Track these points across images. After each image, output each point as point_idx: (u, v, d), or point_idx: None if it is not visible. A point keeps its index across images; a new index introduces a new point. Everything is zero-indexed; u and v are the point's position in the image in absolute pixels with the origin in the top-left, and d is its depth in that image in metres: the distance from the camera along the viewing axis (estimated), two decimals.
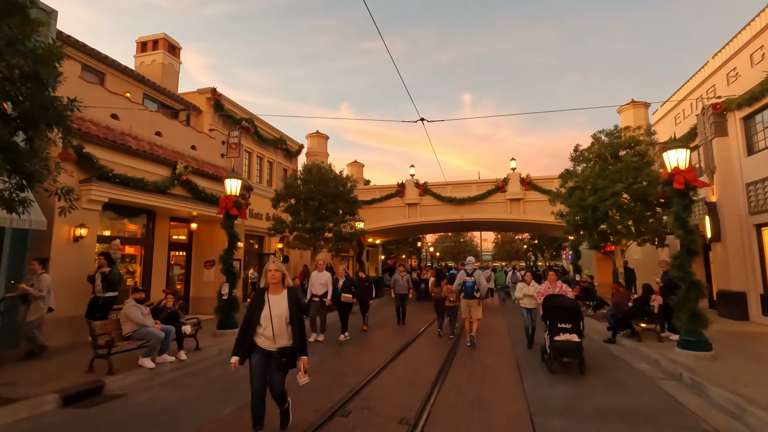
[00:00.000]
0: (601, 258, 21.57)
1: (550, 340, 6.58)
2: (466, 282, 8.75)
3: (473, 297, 8.67)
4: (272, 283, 3.85)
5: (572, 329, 6.50)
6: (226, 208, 9.57)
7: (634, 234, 11.26)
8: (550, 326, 6.64)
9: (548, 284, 7.51)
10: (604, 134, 12.02)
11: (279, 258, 6.59)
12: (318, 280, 9.26)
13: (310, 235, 14.06)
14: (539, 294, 7.48)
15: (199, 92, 15.27)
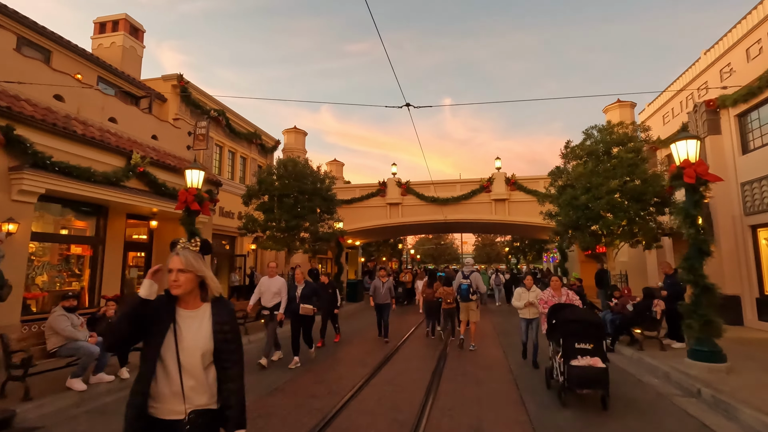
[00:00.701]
0: (584, 260, 21.21)
1: (565, 365, 5.04)
2: (461, 284, 8.60)
3: (469, 300, 8.63)
4: (176, 293, 1.93)
5: (594, 350, 5.04)
6: (186, 203, 8.46)
7: (628, 235, 10.68)
8: (564, 347, 5.13)
9: (551, 291, 6.47)
10: (596, 130, 11.45)
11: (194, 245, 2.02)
12: (269, 288, 7.30)
13: (285, 235, 13.00)
14: (541, 302, 6.39)
15: (163, 79, 14.03)
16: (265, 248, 13.36)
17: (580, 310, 5.72)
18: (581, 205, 10.73)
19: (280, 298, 7.25)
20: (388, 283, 9.89)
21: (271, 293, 7.29)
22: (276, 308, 7.23)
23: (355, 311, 16.42)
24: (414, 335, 10.66)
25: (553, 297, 6.36)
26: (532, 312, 7.13)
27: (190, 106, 14.64)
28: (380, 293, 9.81)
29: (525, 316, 7.25)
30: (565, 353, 5.12)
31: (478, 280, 8.70)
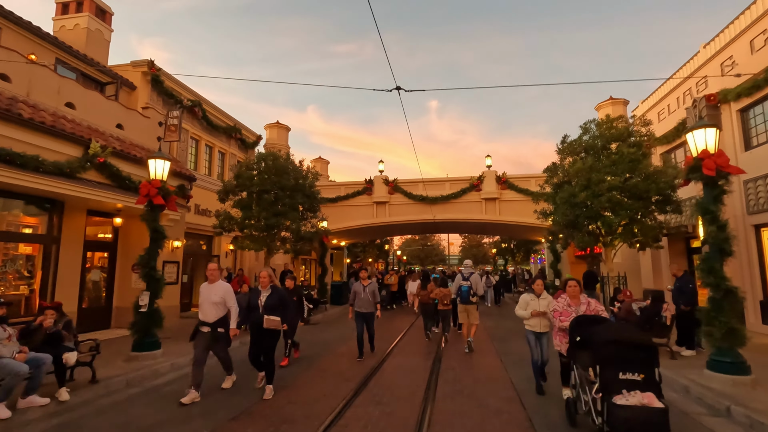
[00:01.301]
0: (574, 261, 20.79)
1: (605, 402, 3.70)
2: (462, 286, 8.45)
3: (470, 302, 8.47)
4: None
5: (646, 383, 3.66)
6: (148, 197, 7.53)
7: (629, 234, 10.11)
8: (604, 378, 3.74)
9: (566, 300, 5.17)
10: (595, 124, 10.86)
11: None
12: (208, 297, 5.58)
13: (264, 234, 12.08)
14: (555, 314, 5.14)
15: (133, 65, 12.98)
16: (243, 248, 12.42)
17: (621, 328, 4.46)
18: (579, 203, 10.12)
19: (223, 310, 5.62)
20: (371, 286, 8.03)
21: (210, 304, 5.56)
22: (221, 324, 5.57)
23: (340, 315, 15.57)
24: (402, 344, 9.88)
25: (570, 307, 5.09)
26: (544, 324, 5.81)
27: (163, 96, 13.61)
28: (362, 298, 7.96)
29: (534, 329, 5.84)
30: (605, 386, 3.71)
31: (477, 282, 8.60)
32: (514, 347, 9.01)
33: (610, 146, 10.66)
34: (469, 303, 8.48)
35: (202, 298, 5.65)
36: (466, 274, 8.65)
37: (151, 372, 6.70)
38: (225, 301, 5.63)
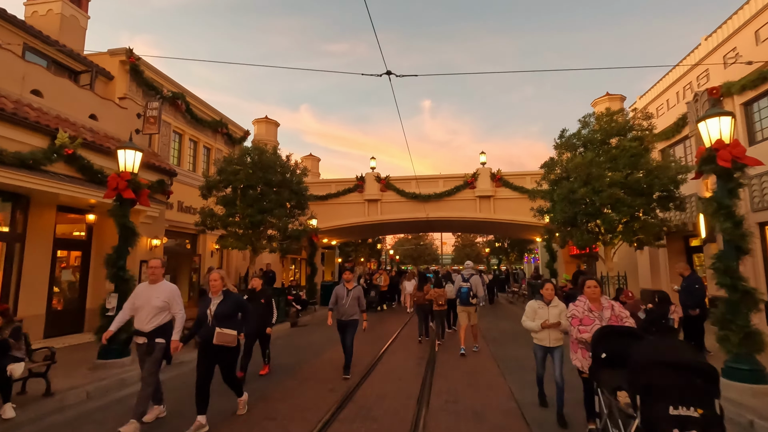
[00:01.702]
0: (569, 261, 20.46)
1: None
2: (462, 288, 8.28)
3: (470, 304, 8.29)
4: None
5: (706, 421, 2.71)
6: (117, 190, 6.92)
7: (630, 232, 9.69)
8: (648, 412, 2.80)
9: (587, 303, 4.19)
10: (594, 117, 10.44)
11: None
12: (149, 301, 4.58)
13: (248, 232, 11.49)
14: (574, 322, 4.11)
15: (110, 53, 12.29)
16: (226, 247, 11.80)
17: (670, 346, 3.25)
18: (579, 200, 9.69)
19: (165, 316, 4.59)
20: (356, 290, 6.82)
21: (151, 309, 4.52)
22: (159, 333, 4.49)
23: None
24: (393, 348, 9.36)
25: (591, 313, 4.10)
26: (555, 337, 4.87)
27: (143, 87, 12.93)
28: (344, 304, 6.71)
29: (542, 343, 4.95)
30: (651, 425, 2.78)
31: (478, 283, 8.45)
32: (511, 351, 8.54)
33: (610, 141, 10.26)
34: (469, 305, 8.32)
35: (141, 301, 4.60)
36: (467, 276, 8.46)
37: (117, 382, 6.11)
38: (170, 305, 4.60)
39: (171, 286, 4.77)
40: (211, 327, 4.41)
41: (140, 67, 12.60)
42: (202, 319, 4.55)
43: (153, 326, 4.51)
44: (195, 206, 14.48)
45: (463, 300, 8.29)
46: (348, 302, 6.73)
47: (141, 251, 10.87)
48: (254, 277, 7.02)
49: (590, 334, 3.89)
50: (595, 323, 4.02)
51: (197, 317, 4.65)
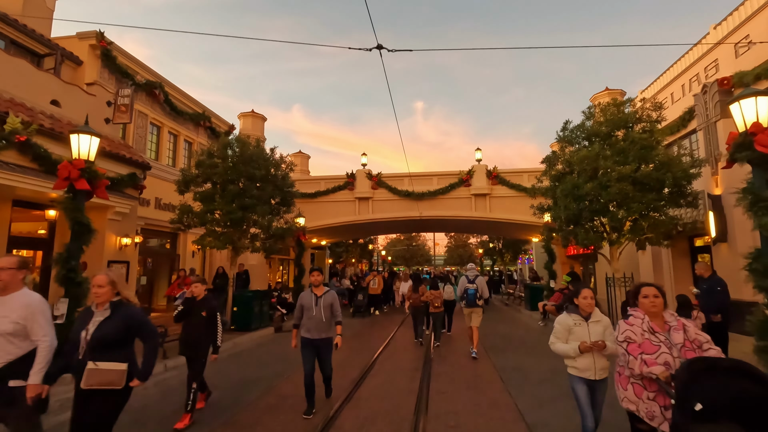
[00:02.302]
0: (566, 261, 19.84)
1: None
2: (468, 289, 8.09)
3: (476, 305, 8.12)
4: None
5: None
6: (69, 180, 6.06)
7: (639, 230, 9.03)
8: None
9: (645, 320, 2.91)
10: (600, 109, 9.77)
11: None
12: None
13: (228, 230, 10.64)
14: (633, 349, 2.82)
15: (79, 37, 11.36)
16: (204, 246, 10.92)
17: None
18: (584, 196, 9.01)
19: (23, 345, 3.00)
20: (327, 296, 5.14)
21: None
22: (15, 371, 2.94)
23: None
24: (383, 357, 8.57)
25: (655, 335, 2.85)
26: (601, 366, 3.48)
27: (116, 74, 12.01)
28: (313, 315, 5.03)
29: (585, 375, 3.48)
30: None
31: (483, 285, 8.28)
32: (512, 359, 7.81)
33: (616, 133, 9.61)
34: (476, 306, 8.17)
35: None
36: (472, 277, 8.34)
37: (64, 402, 5.23)
38: (27, 329, 2.99)
39: (31, 299, 3.08)
40: (82, 360, 2.91)
41: (112, 52, 11.68)
42: (72, 347, 3.01)
43: (4, 362, 2.92)
44: (174, 203, 13.57)
45: (470, 302, 8.12)
46: (317, 314, 4.98)
47: (110, 251, 9.97)
48: (194, 282, 5.02)
49: (661, 367, 2.66)
50: (660, 350, 2.77)
51: (67, 342, 3.09)
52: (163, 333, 7.52)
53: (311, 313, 5.02)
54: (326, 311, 5.08)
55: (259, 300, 11.08)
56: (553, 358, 8.28)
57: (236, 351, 8.92)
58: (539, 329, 12.04)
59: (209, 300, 5.03)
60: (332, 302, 5.15)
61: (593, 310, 3.59)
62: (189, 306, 4.90)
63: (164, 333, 7.55)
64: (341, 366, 7.37)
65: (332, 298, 5.17)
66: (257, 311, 11.09)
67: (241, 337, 9.84)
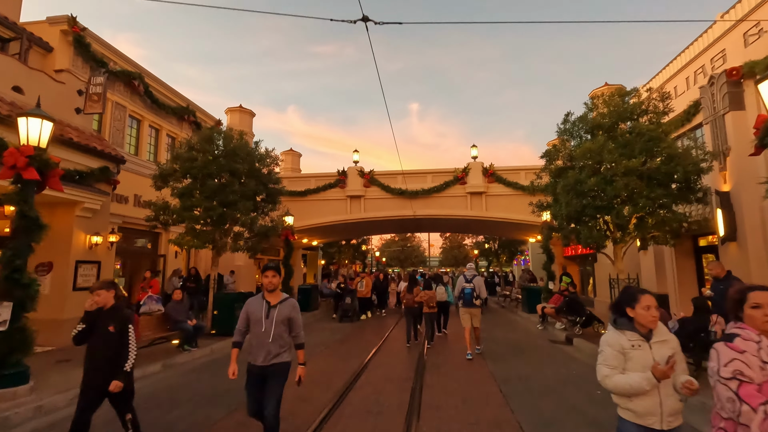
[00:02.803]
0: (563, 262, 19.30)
1: None
2: (465, 289, 8.05)
3: (473, 305, 8.05)
4: None
5: None
6: (15, 168, 5.37)
7: (646, 228, 8.47)
8: None
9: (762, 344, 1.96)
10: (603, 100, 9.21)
11: None
12: None
13: (208, 228, 9.96)
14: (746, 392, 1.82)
15: (49, 21, 10.64)
16: (182, 245, 10.21)
17: None
18: (587, 191, 8.44)
19: None
20: (284, 307, 3.68)
21: None
22: None
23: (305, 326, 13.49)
24: (372, 365, 7.94)
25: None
26: (672, 408, 2.25)
27: (90, 62, 11.29)
28: (260, 335, 3.61)
29: (645, 422, 2.25)
30: None
31: (481, 284, 8.18)
32: (513, 368, 7.20)
33: (621, 125, 9.05)
34: (473, 306, 8.05)
35: None
36: (469, 276, 8.24)
37: (1, 420, 4.56)
38: None
39: None
40: None
41: (86, 38, 10.97)
42: None
43: None
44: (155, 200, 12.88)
45: (467, 302, 8.02)
46: (268, 330, 3.54)
47: (78, 250, 9.26)
48: (97, 288, 3.72)
49: None
50: None
51: None
52: None
53: (259, 328, 3.55)
54: (280, 327, 3.58)
55: (242, 303, 10.38)
56: (555, 365, 7.79)
57: (212, 358, 8.24)
58: (538, 333, 11.46)
59: (118, 310, 3.73)
60: (291, 315, 3.66)
61: (657, 325, 2.35)
62: (90, 321, 3.60)
63: None
64: (324, 375, 6.72)
65: (291, 309, 3.68)
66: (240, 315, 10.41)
67: (220, 342, 9.17)
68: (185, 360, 7.80)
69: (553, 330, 11.32)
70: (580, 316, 10.43)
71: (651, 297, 2.36)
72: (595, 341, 9.42)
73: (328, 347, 9.37)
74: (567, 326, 11.03)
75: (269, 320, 3.56)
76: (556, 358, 8.18)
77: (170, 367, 7.27)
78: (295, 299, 3.84)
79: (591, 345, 8.78)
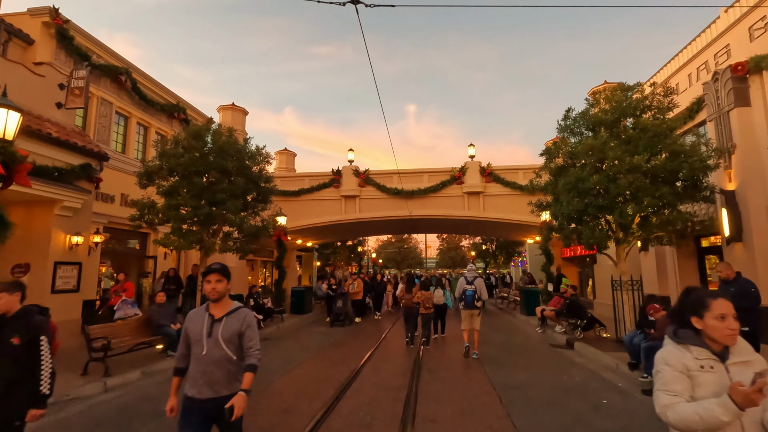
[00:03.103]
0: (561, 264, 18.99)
1: None
2: (467, 291, 8.00)
3: (474, 307, 8.00)
4: None
5: None
6: None
7: (650, 228, 8.15)
8: None
9: None
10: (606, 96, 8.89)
11: None
12: None
13: (195, 227, 9.56)
14: None
15: (30, 13, 10.23)
16: (167, 246, 9.80)
17: None
18: (589, 190, 8.11)
19: None
20: (234, 319, 2.72)
21: None
22: None
23: (296, 329, 13.11)
24: (364, 372, 7.56)
25: None
26: None
27: (74, 56, 10.88)
28: (202, 359, 2.65)
29: None
30: None
31: (482, 286, 8.14)
32: (513, 375, 6.84)
33: (623, 121, 8.73)
34: (474, 308, 8.02)
35: None
36: (470, 278, 8.18)
37: None
38: None
39: None
40: None
41: (69, 31, 10.56)
42: None
43: None
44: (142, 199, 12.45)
45: (468, 303, 8.00)
46: (210, 352, 2.65)
47: (58, 251, 8.85)
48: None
49: None
50: None
51: None
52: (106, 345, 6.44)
53: (199, 350, 2.66)
54: (227, 347, 2.67)
55: None
56: (557, 372, 7.46)
57: None
58: (538, 337, 11.11)
59: (26, 317, 2.99)
60: (242, 329, 2.71)
61: (735, 342, 1.77)
62: None
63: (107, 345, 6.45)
64: (313, 383, 6.34)
65: (241, 322, 2.73)
66: None
67: None
68: (168, 366, 7.37)
69: (553, 333, 10.98)
70: (581, 319, 10.09)
71: (727, 303, 1.78)
72: (597, 345, 9.12)
73: (319, 352, 8.98)
74: (567, 329, 10.70)
75: (212, 339, 2.65)
76: (558, 363, 7.83)
77: (150, 374, 6.87)
78: (248, 312, 2.84)
79: (592, 349, 8.44)
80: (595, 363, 7.74)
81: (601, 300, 15.23)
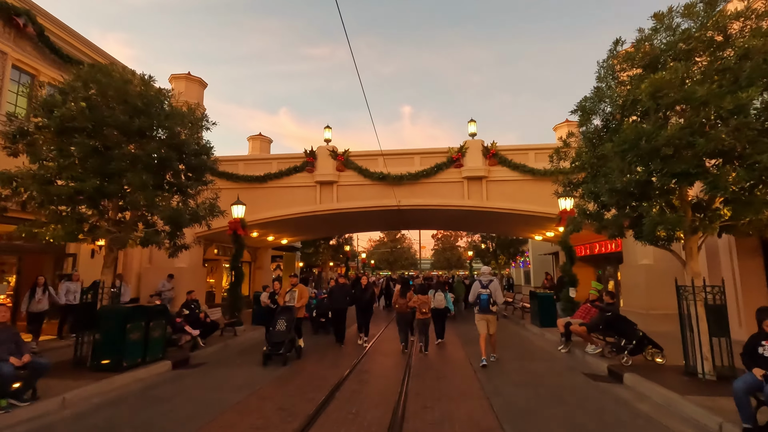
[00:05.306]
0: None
1: None
2: (481, 295, 7.61)
3: (490, 311, 7.57)
4: None
5: None
6: None
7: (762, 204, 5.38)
8: None
9: None
10: (684, 11, 6.05)
11: None
12: None
13: (78, 209, 6.66)
14: None
15: None
16: (32, 235, 6.81)
17: None
18: (659, 149, 5.30)
19: None
20: None
21: None
22: None
23: (253, 345, 10.18)
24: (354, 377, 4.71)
25: None
26: None
27: None
28: None
29: None
30: None
31: (497, 289, 7.69)
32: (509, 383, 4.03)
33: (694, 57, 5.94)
34: (489, 312, 7.63)
35: None
36: (485, 282, 7.76)
37: None
38: None
39: None
40: None
41: None
42: None
43: None
44: None
45: (483, 307, 7.63)
46: None
47: None
48: None
49: None
50: None
51: None
52: None
53: None
54: None
55: (139, 321, 7.09)
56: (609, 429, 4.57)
57: (59, 417, 4.91)
58: (564, 361, 8.23)
59: None
60: None
61: None
62: None
63: None
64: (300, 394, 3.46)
65: None
66: (138, 337, 7.09)
67: (95, 384, 5.86)
68: None
69: (584, 355, 8.20)
70: (627, 338, 7.29)
71: None
72: (660, 379, 5.68)
73: (251, 394, 6.06)
74: (605, 351, 7.90)
75: None
76: (614, 414, 5.02)
77: None
78: None
79: (657, 387, 5.61)
80: (671, 414, 4.94)
81: (629, 307, 12.49)
